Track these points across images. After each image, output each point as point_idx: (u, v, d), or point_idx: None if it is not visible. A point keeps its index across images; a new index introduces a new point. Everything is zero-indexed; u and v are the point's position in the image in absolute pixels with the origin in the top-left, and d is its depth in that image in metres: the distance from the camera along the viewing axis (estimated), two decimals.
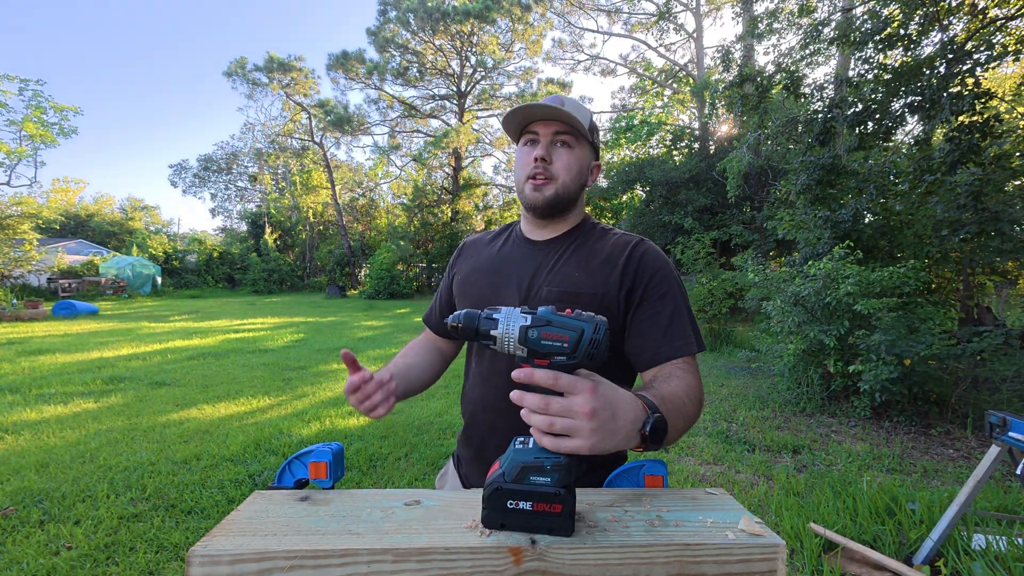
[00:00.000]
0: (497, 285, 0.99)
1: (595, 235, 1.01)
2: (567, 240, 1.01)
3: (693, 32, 18.69)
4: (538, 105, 0.90)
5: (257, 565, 0.56)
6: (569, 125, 0.93)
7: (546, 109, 0.90)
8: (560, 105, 0.91)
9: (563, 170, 0.94)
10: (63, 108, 15.53)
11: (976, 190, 4.37)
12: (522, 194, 0.98)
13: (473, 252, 1.10)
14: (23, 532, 2.34)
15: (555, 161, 0.94)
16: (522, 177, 0.97)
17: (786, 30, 7.46)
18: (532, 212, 0.98)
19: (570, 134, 0.94)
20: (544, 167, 0.94)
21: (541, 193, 0.95)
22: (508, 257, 1.03)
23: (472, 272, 1.05)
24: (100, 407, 4.47)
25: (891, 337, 3.82)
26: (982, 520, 2.29)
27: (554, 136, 0.94)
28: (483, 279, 1.02)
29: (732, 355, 7.12)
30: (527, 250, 1.02)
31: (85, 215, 31.92)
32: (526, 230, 1.06)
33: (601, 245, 0.98)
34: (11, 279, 16.60)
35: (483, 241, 1.12)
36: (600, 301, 0.91)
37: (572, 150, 0.95)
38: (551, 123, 0.94)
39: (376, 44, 21.73)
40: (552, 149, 0.94)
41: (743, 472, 3.20)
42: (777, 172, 10.89)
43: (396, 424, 4.03)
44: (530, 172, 0.95)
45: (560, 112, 0.90)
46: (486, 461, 1.01)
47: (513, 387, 0.89)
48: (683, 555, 0.60)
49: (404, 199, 26.31)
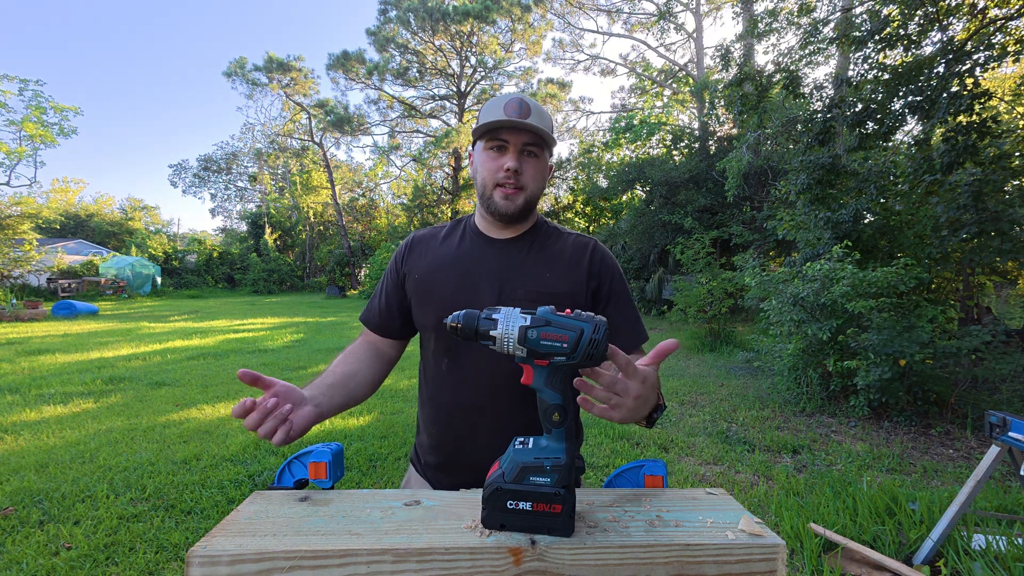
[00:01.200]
0: (465, 285, 0.98)
1: (551, 235, 1.06)
2: (527, 240, 1.04)
3: (693, 32, 18.69)
4: (512, 121, 0.92)
5: (257, 565, 0.56)
6: (538, 136, 0.95)
7: (519, 124, 0.92)
8: (527, 116, 0.93)
9: (532, 180, 0.98)
10: (63, 108, 15.53)
11: (976, 190, 4.37)
12: (489, 199, 0.98)
13: (425, 249, 1.07)
14: (23, 532, 2.34)
15: (524, 171, 0.96)
16: (489, 183, 0.97)
17: (786, 29, 7.44)
18: (500, 219, 1.00)
19: (537, 145, 0.97)
20: (515, 178, 0.95)
21: (513, 203, 0.97)
22: (470, 256, 1.02)
23: (433, 271, 1.02)
24: (100, 407, 4.47)
25: (884, 337, 3.82)
26: (982, 520, 2.29)
27: (523, 146, 0.95)
28: (448, 278, 1.00)
29: (732, 355, 7.12)
30: (490, 249, 1.02)
31: (85, 215, 31.92)
32: (484, 228, 1.06)
33: (561, 246, 1.04)
34: (11, 279, 16.58)
35: (435, 237, 1.09)
36: (572, 300, 0.98)
37: (538, 159, 0.98)
38: (521, 133, 0.95)
39: (376, 44, 21.72)
40: (521, 159, 0.96)
41: (743, 472, 3.20)
42: (777, 172, 10.89)
43: (396, 424, 4.03)
44: (499, 180, 0.96)
45: (533, 125, 0.92)
46: (464, 465, 0.99)
47: (501, 384, 0.94)
48: (683, 555, 0.60)
49: (404, 199, 26.33)
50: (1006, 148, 4.64)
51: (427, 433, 1.05)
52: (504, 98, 0.96)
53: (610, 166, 18.61)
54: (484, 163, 0.98)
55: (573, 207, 21.75)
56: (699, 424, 4.17)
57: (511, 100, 0.94)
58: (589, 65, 23.52)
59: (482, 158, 0.98)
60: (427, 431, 1.05)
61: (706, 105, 14.44)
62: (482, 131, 0.96)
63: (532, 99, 0.97)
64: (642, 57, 22.51)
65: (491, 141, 0.96)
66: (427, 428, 1.05)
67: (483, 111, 0.98)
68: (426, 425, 1.05)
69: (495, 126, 0.94)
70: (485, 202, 0.99)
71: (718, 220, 12.34)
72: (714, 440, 3.77)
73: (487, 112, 0.96)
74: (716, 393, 5.20)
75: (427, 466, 1.06)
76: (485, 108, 0.99)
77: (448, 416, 1.00)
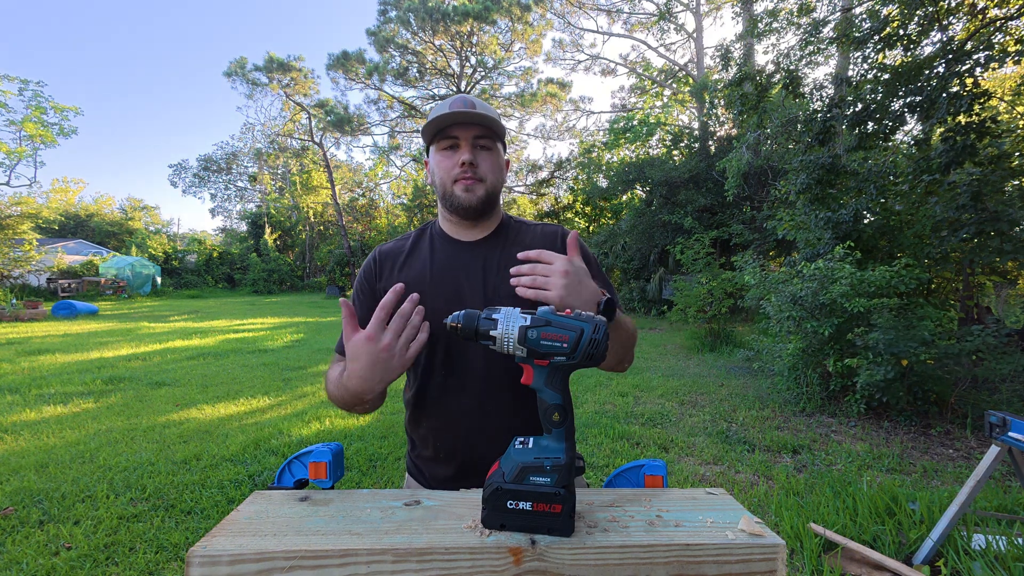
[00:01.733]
0: (450, 294, 0.96)
1: (520, 230, 1.06)
2: (500, 238, 1.03)
3: (693, 32, 18.69)
4: (460, 112, 0.92)
5: (257, 565, 0.56)
6: (488, 128, 0.96)
7: (467, 115, 0.92)
8: (472, 108, 0.93)
9: (489, 172, 0.98)
10: (63, 108, 15.54)
11: (975, 190, 4.37)
12: (452, 197, 0.97)
13: (396, 264, 1.03)
14: (23, 532, 2.34)
15: (480, 164, 0.96)
16: (448, 181, 0.97)
17: (785, 29, 7.45)
18: (463, 214, 0.99)
19: (488, 137, 0.97)
20: (472, 170, 0.95)
21: (473, 194, 0.96)
22: (446, 264, 1.00)
23: (416, 284, 0.97)
24: (100, 407, 4.47)
25: (890, 336, 3.82)
26: (982, 520, 2.29)
27: (474, 140, 0.96)
28: (430, 291, 0.96)
29: (732, 355, 7.12)
30: (464, 254, 1.01)
31: (85, 215, 31.94)
32: (451, 232, 1.04)
33: (532, 239, 1.04)
34: (11, 279, 16.59)
35: (401, 251, 1.05)
36: None
37: (492, 152, 0.98)
38: (470, 127, 0.95)
39: (376, 44, 21.72)
40: (475, 152, 0.96)
41: (743, 472, 3.20)
42: (777, 172, 10.89)
43: (396, 424, 4.03)
44: (456, 175, 0.96)
45: (481, 116, 0.92)
46: (480, 471, 0.94)
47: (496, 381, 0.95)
48: (683, 555, 0.60)
49: (404, 199, 26.32)
50: (1005, 148, 4.64)
51: (434, 447, 0.99)
52: (450, 99, 0.97)
53: (610, 166, 18.58)
54: (439, 163, 0.98)
55: (573, 207, 21.75)
56: (699, 424, 4.17)
57: (456, 99, 0.95)
58: (589, 65, 23.53)
59: (436, 159, 0.98)
60: (431, 446, 1.00)
61: (706, 105, 14.44)
62: (432, 130, 0.96)
63: (476, 98, 0.97)
64: (642, 57, 22.51)
65: (442, 141, 0.97)
66: (430, 442, 1.00)
67: (430, 115, 0.98)
68: (435, 439, 1.00)
69: (444, 123, 0.94)
70: (448, 201, 0.98)
71: (718, 220, 12.35)
72: (714, 440, 3.77)
73: (434, 114, 0.96)
74: (716, 393, 5.20)
75: (431, 480, 1.01)
76: (432, 112, 0.99)
77: (453, 427, 0.96)
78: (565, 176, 22.31)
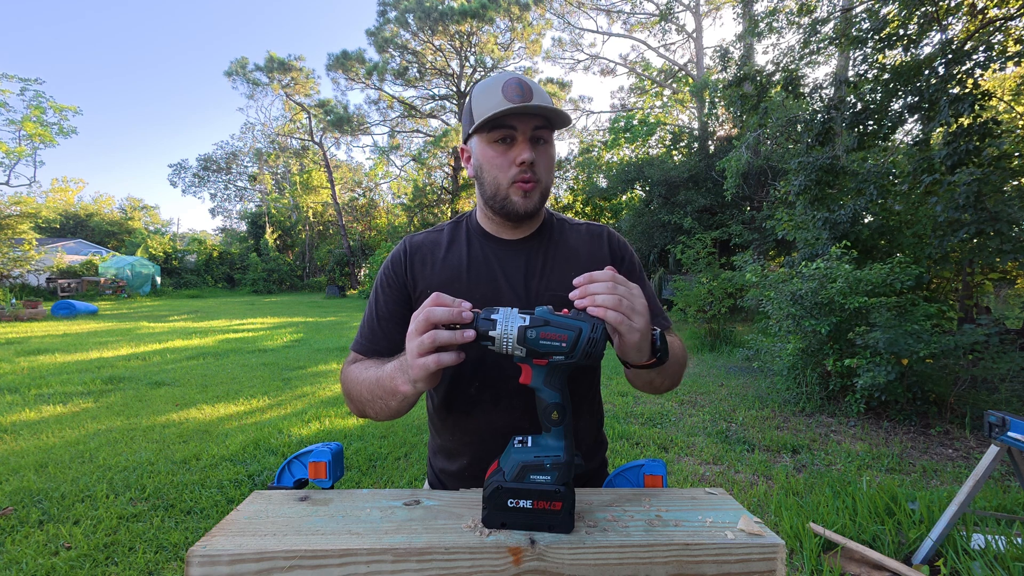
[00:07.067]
0: (489, 294, 0.90)
1: (564, 230, 1.00)
2: (543, 238, 0.96)
3: (693, 32, 18.70)
4: (526, 106, 0.79)
5: (256, 565, 0.56)
6: (546, 119, 0.84)
7: (529, 108, 0.80)
8: (530, 98, 0.81)
9: (546, 171, 0.87)
10: (63, 108, 15.55)
11: (975, 190, 4.37)
12: (506, 202, 0.86)
13: (432, 259, 0.95)
14: (22, 532, 2.34)
15: (538, 162, 0.85)
16: (503, 182, 0.85)
17: (786, 29, 7.45)
18: (515, 219, 0.90)
19: (547, 128, 0.86)
20: (532, 170, 0.84)
21: (531, 200, 0.86)
22: (486, 262, 0.93)
23: (448, 283, 0.91)
24: (99, 407, 4.47)
25: (890, 335, 3.82)
26: (981, 520, 2.30)
27: (533, 132, 0.84)
28: (469, 290, 0.89)
29: (732, 355, 7.12)
30: (505, 252, 0.94)
31: (84, 215, 31.94)
32: (492, 229, 0.96)
33: (576, 241, 0.98)
34: (10, 279, 16.58)
35: (437, 244, 0.97)
36: None
37: (548, 146, 0.88)
38: (531, 118, 0.82)
39: (376, 44, 21.73)
40: (534, 147, 0.84)
41: (742, 472, 3.20)
42: (776, 172, 10.90)
43: (396, 424, 4.03)
44: (514, 176, 0.84)
45: (543, 107, 0.80)
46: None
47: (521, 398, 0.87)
48: (682, 555, 0.60)
49: (404, 199, 26.33)
50: (1006, 148, 4.65)
51: (467, 464, 0.93)
52: (499, 80, 0.82)
53: (610, 166, 18.59)
54: (492, 160, 0.85)
55: (573, 207, 21.76)
56: (699, 424, 4.18)
57: (509, 82, 0.81)
58: (589, 65, 23.53)
59: (488, 154, 0.85)
60: (456, 461, 0.95)
61: (706, 105, 14.43)
62: (487, 121, 0.81)
63: (530, 79, 0.85)
64: (642, 57, 22.52)
65: (494, 132, 0.83)
66: (455, 457, 0.95)
67: (477, 98, 0.85)
68: (452, 455, 0.95)
69: (501, 115, 0.80)
70: (500, 204, 0.87)
71: (718, 220, 12.35)
72: (714, 440, 3.77)
73: (483, 98, 0.83)
74: (716, 393, 5.20)
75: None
76: (478, 95, 0.85)
77: (483, 441, 0.90)
78: (565, 176, 22.31)
